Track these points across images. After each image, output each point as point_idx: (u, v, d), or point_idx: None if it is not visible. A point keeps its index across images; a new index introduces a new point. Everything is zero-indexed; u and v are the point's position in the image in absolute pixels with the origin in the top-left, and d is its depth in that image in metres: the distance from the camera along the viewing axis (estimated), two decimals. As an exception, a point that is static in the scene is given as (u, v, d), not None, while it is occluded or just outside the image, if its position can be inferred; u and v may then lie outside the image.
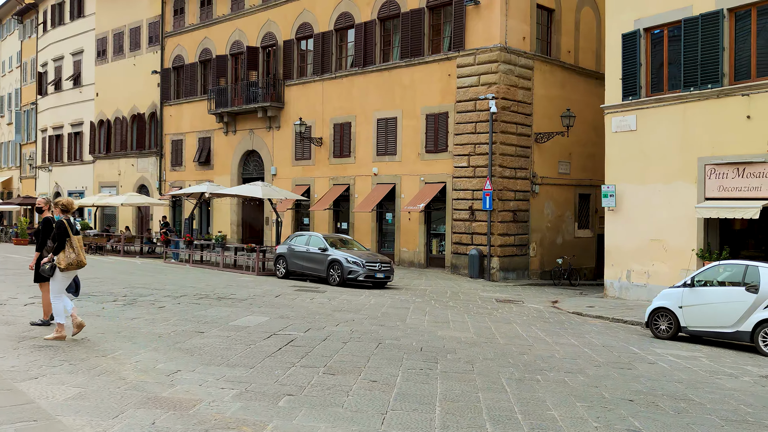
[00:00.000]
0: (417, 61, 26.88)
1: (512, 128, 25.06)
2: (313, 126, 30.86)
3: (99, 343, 9.37)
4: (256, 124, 33.71)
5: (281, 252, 23.07)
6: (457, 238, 25.58)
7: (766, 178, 17.07)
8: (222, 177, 35.28)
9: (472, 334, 12.48)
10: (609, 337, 13.62)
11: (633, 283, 20.26)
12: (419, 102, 26.90)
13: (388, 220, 28.44)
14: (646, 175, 19.88)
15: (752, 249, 19.48)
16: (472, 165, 25.12)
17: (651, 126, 19.76)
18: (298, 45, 31.93)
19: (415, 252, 27.07)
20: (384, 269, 20.97)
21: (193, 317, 12.24)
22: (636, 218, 20.13)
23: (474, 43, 25.20)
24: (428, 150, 26.62)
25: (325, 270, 21.29)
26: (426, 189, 26.29)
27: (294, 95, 31.94)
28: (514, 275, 25.31)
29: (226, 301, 15.16)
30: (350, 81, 29.47)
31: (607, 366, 10.10)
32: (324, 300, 16.58)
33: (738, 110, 17.58)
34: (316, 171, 30.98)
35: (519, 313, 16.81)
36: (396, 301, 17.18)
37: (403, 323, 13.31)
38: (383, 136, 28.18)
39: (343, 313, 14.34)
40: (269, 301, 15.56)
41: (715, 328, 13.17)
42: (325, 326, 12.14)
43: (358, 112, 29.15)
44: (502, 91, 24.57)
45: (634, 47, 20.04)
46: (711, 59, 18.10)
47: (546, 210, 26.63)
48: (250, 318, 12.56)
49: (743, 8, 17.65)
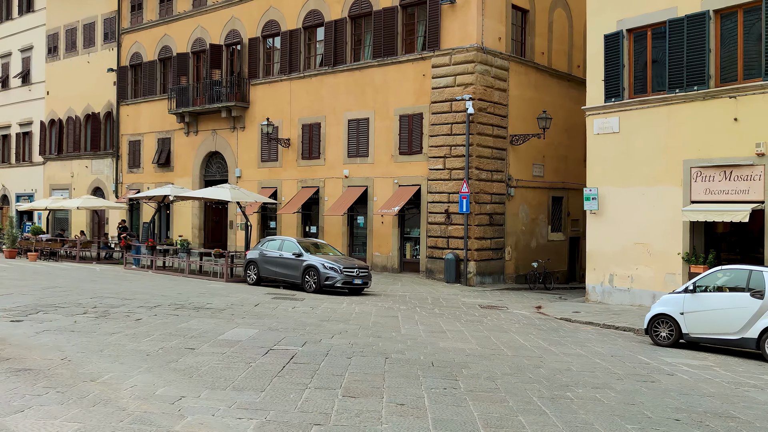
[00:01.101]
0: (390, 61, 26.20)
1: (488, 130, 24.61)
2: (281, 126, 29.90)
3: (82, 363, 8.40)
4: (219, 125, 32.53)
5: (252, 257, 22.11)
6: (432, 242, 24.98)
7: (754, 181, 16.93)
8: (183, 179, 33.96)
9: (474, 345, 11.84)
10: (610, 345, 13.16)
11: (616, 287, 19.96)
12: (392, 103, 26.22)
13: (359, 224, 27.67)
14: (629, 177, 19.60)
15: (736, 252, 19.39)
16: (448, 167, 24.56)
17: (634, 128, 19.50)
18: (264, 43, 30.91)
19: (389, 256, 26.37)
20: (362, 275, 20.25)
21: (176, 331, 11.29)
22: (619, 221, 19.83)
23: (449, 43, 24.65)
24: (402, 152, 25.96)
25: (300, 276, 20.43)
26: (400, 192, 25.62)
27: (260, 95, 30.91)
28: (491, 280, 24.84)
29: (204, 311, 14.20)
30: (320, 80, 28.62)
31: (629, 379, 9.57)
32: (306, 309, 15.75)
33: (725, 112, 17.41)
34: (284, 173, 30.01)
35: (508, 320, 16.28)
36: (381, 309, 16.45)
37: (399, 334, 12.60)
38: (354, 138, 27.41)
39: (332, 323, 13.55)
40: (250, 311, 14.67)
41: (718, 335, 12.83)
42: (321, 339, 11.34)
43: (327, 112, 28.32)
44: (478, 92, 24.08)
45: (616, 48, 19.76)
46: (697, 61, 17.91)
47: (521, 213, 26.27)
48: (239, 331, 11.67)
49: (729, 9, 17.49)
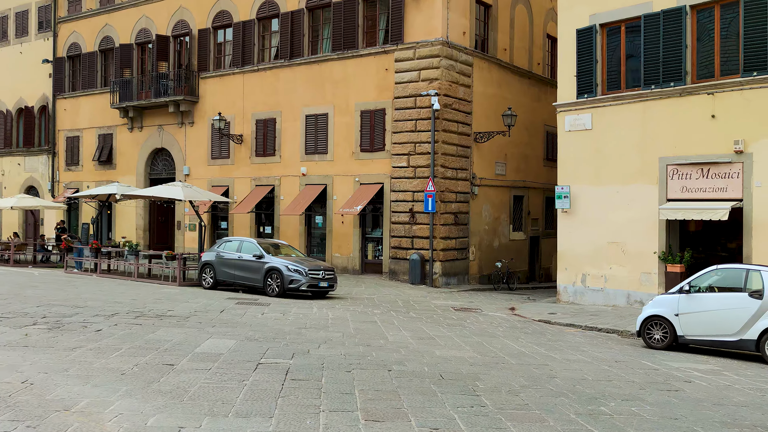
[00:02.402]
0: (350, 54, 25.22)
1: (454, 127, 23.93)
2: (233, 122, 28.52)
3: (48, 387, 7.17)
4: (166, 120, 30.86)
5: (208, 260, 20.76)
6: (396, 243, 24.13)
7: (732, 179, 16.72)
8: (126, 177, 32.09)
9: (472, 352, 11.03)
10: (606, 349, 12.58)
11: (589, 287, 19.54)
12: (353, 97, 25.25)
13: (318, 224, 26.60)
14: (602, 175, 19.21)
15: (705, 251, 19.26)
16: (413, 165, 23.75)
17: (608, 125, 19.10)
18: (215, 35, 29.45)
19: (349, 257, 25.39)
20: (327, 277, 19.24)
21: (145, 343, 10.07)
22: (592, 220, 19.42)
23: (413, 37, 23.85)
24: (363, 149, 25.02)
25: (262, 279, 19.25)
26: (362, 190, 24.68)
27: (210, 89, 29.43)
28: (455, 280, 24.18)
29: (168, 319, 12.95)
30: (275, 74, 27.39)
31: (650, 389, 8.92)
32: (276, 315, 14.66)
33: (702, 109, 17.16)
34: (236, 171, 28.64)
35: (489, 323, 15.57)
36: (355, 314, 15.50)
37: (387, 342, 11.68)
38: (313, 134, 26.31)
39: (310, 330, 12.53)
40: (218, 319, 13.49)
41: (716, 337, 12.39)
42: (308, 349, 10.32)
43: (284, 107, 27.12)
44: (444, 87, 23.36)
45: (589, 43, 19.34)
46: (673, 57, 17.61)
47: (484, 212, 25.70)
48: (215, 342, 10.53)
49: (706, 5, 17.25)
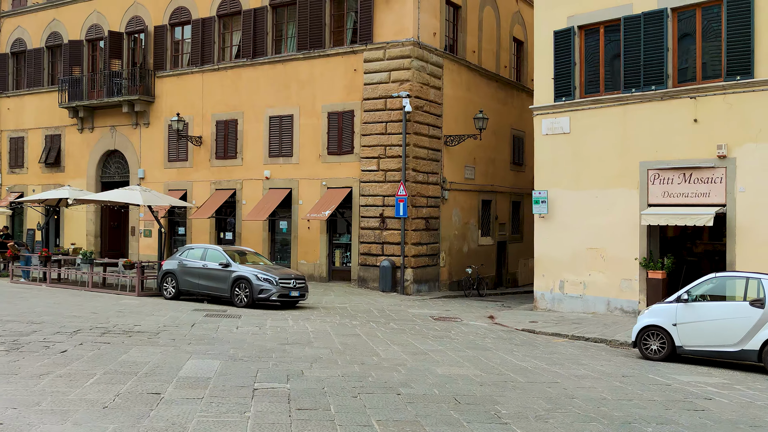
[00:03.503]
0: (317, 54, 24.36)
1: (425, 129, 23.30)
2: (191, 123, 27.29)
3: (22, 428, 6.16)
4: (119, 120, 29.38)
5: (169, 269, 19.59)
6: (365, 249, 23.35)
7: (715, 184, 16.52)
8: (76, 181, 30.45)
9: (474, 369, 10.35)
10: (604, 361, 12.07)
11: (567, 294, 19.14)
12: (320, 98, 24.38)
13: (283, 230, 25.61)
14: (581, 180, 18.84)
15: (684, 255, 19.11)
16: (383, 168, 23.02)
17: (587, 128, 18.75)
18: (173, 32, 28.17)
19: (316, 264, 24.49)
20: (299, 286, 18.34)
21: (120, 366, 9.07)
22: (570, 226, 19.03)
23: (383, 36, 23.15)
24: (331, 152, 24.17)
25: (229, 289, 18.22)
26: (330, 194, 23.82)
27: (167, 88, 28.13)
28: (426, 287, 23.54)
29: (137, 336, 11.91)
30: (236, 73, 26.31)
31: (675, 407, 8.39)
32: (252, 329, 13.72)
33: (684, 113, 16.93)
34: (195, 174, 27.42)
35: (475, 333, 14.94)
36: (335, 327, 14.67)
37: (380, 358, 10.92)
38: (277, 136, 25.33)
39: (295, 347, 11.67)
40: (191, 334, 12.50)
41: (716, 348, 12.01)
42: (301, 370, 9.47)
43: (246, 108, 26.06)
44: (415, 89, 22.71)
45: (567, 45, 18.96)
46: (655, 60, 17.35)
47: (454, 217, 25.15)
48: (197, 363, 9.58)
49: (687, 8, 17.04)
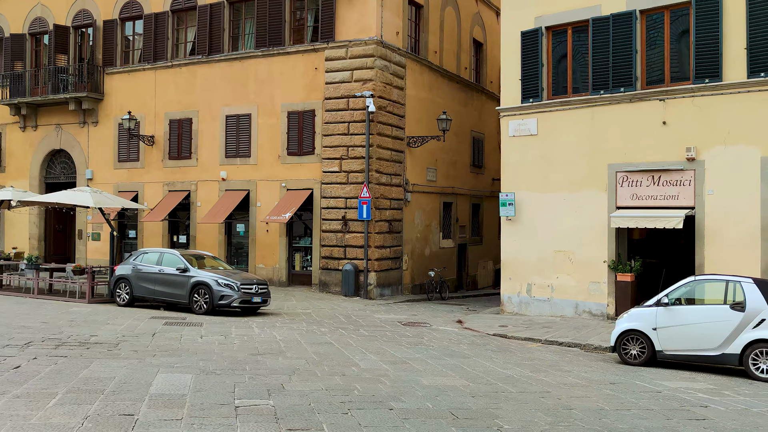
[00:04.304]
0: (276, 52, 23.63)
1: (388, 130, 22.84)
2: (143, 122, 26.19)
3: (-20, 461, 5.43)
4: (66, 119, 28.01)
5: (123, 274, 18.64)
6: (327, 252, 22.73)
7: (684, 186, 16.51)
8: (18, 182, 28.82)
9: (460, 379, 9.91)
10: (586, 367, 11.80)
11: (534, 297, 18.93)
12: (279, 97, 23.66)
13: (240, 233, 24.76)
14: (548, 182, 18.66)
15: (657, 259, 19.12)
16: (345, 170, 22.45)
17: (554, 130, 18.58)
18: (123, 26, 27.00)
19: (275, 268, 23.75)
20: (261, 292, 17.65)
21: (83, 384, 8.30)
22: (538, 228, 18.83)
23: (345, 35, 22.59)
24: (291, 152, 23.48)
25: (188, 295, 17.40)
26: (290, 196, 23.11)
27: (117, 85, 26.94)
28: (389, 291, 23.07)
29: (96, 348, 11.08)
30: (191, 71, 25.35)
31: (676, 417, 8.12)
32: (217, 338, 13.02)
33: (653, 115, 16.89)
34: (147, 175, 26.32)
35: (448, 340, 14.54)
36: (303, 334, 14.07)
37: (359, 369, 10.38)
38: (234, 136, 24.48)
39: (267, 357, 11.04)
40: (153, 345, 11.73)
41: (697, 352, 11.86)
42: (280, 383, 8.87)
43: (201, 106, 25.13)
44: (378, 89, 22.23)
45: (535, 46, 18.77)
46: (623, 62, 17.28)
47: (416, 220, 24.76)
48: (168, 378, 8.87)
49: (656, 10, 17.01)
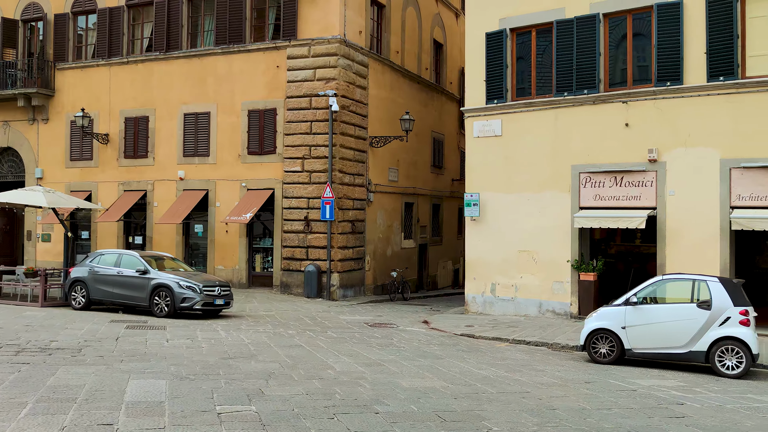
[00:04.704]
0: (237, 49, 23.23)
1: (351, 130, 22.69)
2: (97, 119, 25.45)
3: (-45, 478, 5.10)
4: (13, 115, 27.01)
5: (79, 276, 18.05)
6: (288, 253, 22.44)
7: (646, 187, 16.82)
8: (-38, 180, 27.75)
9: (439, 381, 9.83)
10: (558, 366, 11.88)
11: (499, 297, 19.04)
12: (240, 96, 23.27)
13: (198, 233, 24.26)
14: (513, 183, 18.79)
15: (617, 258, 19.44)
16: (308, 170, 22.21)
17: (519, 131, 18.73)
18: (75, 21, 26.18)
19: (235, 270, 23.34)
20: (224, 294, 17.32)
21: (52, 392, 7.93)
22: (502, 228, 18.94)
23: (308, 33, 22.35)
24: (251, 151, 23.11)
25: (147, 298, 16.95)
26: (250, 196, 22.75)
27: (69, 81, 26.10)
28: (352, 292, 22.92)
29: (58, 354, 10.66)
30: (148, 68, 24.73)
31: (657, 415, 8.19)
32: (184, 341, 12.70)
33: (616, 117, 17.16)
34: (101, 174, 25.57)
35: (418, 341, 14.48)
36: (272, 337, 13.83)
37: (336, 372, 10.22)
38: (192, 134, 23.98)
39: (239, 361, 10.78)
40: (119, 350, 11.35)
41: (665, 350, 12.07)
42: (258, 388, 8.65)
43: (158, 104, 24.54)
44: (341, 88, 22.06)
45: (500, 48, 18.88)
46: (587, 64, 17.51)
47: (378, 220, 24.67)
48: (141, 384, 8.55)
49: (619, 14, 17.29)
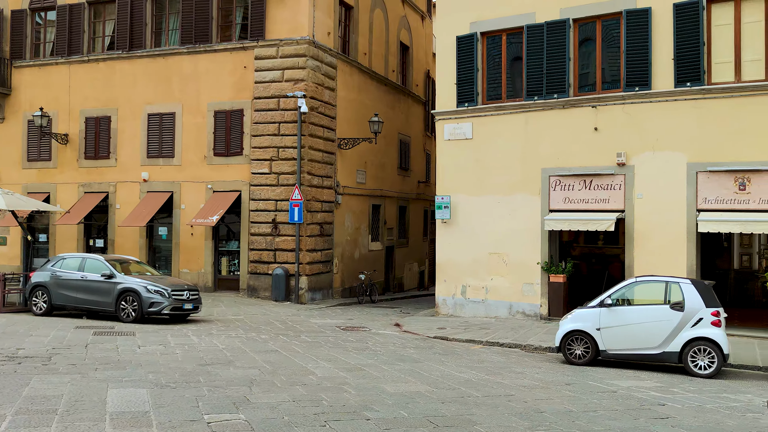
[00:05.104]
0: (203, 49, 22.87)
1: (320, 132, 22.53)
2: (56, 119, 24.76)
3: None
4: (-33, 114, 26.12)
5: (40, 281, 17.54)
6: (256, 256, 22.16)
7: (614, 190, 17.09)
8: None
9: (422, 385, 9.79)
10: (535, 368, 11.96)
11: (469, 299, 19.12)
12: (206, 96, 22.91)
13: (162, 236, 23.79)
14: (484, 185, 18.90)
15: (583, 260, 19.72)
16: (276, 171, 21.98)
17: (489, 134, 18.85)
18: (33, 17, 25.44)
19: (200, 273, 22.95)
20: (192, 298, 17.03)
21: (30, 403, 7.64)
22: (473, 231, 19.04)
23: (276, 33, 22.12)
24: (218, 152, 22.76)
25: (114, 303, 16.54)
26: (216, 198, 22.40)
27: (27, 80, 25.33)
28: (320, 295, 22.76)
29: (28, 362, 10.30)
30: (110, 66, 24.16)
31: (643, 416, 8.29)
32: (157, 347, 12.41)
33: (585, 122, 17.40)
34: (60, 175, 24.88)
35: (393, 344, 14.43)
36: (245, 342, 13.62)
37: (318, 378, 10.09)
38: (157, 135, 23.51)
39: (217, 367, 10.58)
40: (90, 357, 11.05)
41: (639, 351, 12.26)
42: (244, 396, 8.48)
43: (121, 104, 24.00)
44: (310, 89, 21.89)
45: (470, 51, 18.97)
46: (557, 69, 17.71)
47: (347, 222, 24.56)
48: (121, 394, 8.30)
49: (589, 20, 17.53)
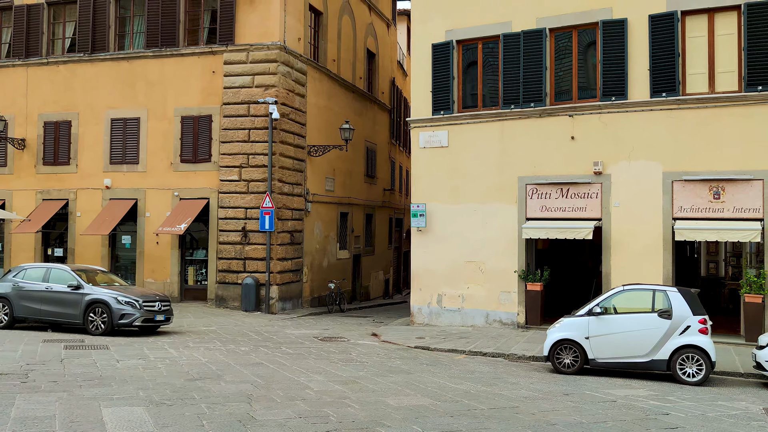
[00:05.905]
0: (169, 53, 22.27)
1: (291, 138, 22.17)
2: (12, 123, 23.77)
3: None
4: None
5: (1, 293, 16.72)
6: (224, 265, 21.64)
7: (591, 199, 17.23)
8: None
9: (423, 397, 9.59)
10: (527, 378, 11.88)
11: (445, 308, 19.01)
12: (172, 101, 22.30)
13: (126, 245, 23.03)
14: (459, 194, 18.85)
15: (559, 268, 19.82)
16: (245, 178, 21.52)
17: (465, 143, 18.81)
18: (-12, 17, 24.43)
19: (166, 283, 22.27)
20: (164, 309, 16.46)
21: (22, 426, 7.19)
22: (448, 239, 18.95)
23: (246, 38, 21.70)
24: (185, 159, 22.18)
25: (81, 315, 15.85)
26: (183, 206, 21.80)
27: (-20, 82, 24.31)
28: (290, 305, 22.36)
29: (5, 379, 9.79)
30: (71, 69, 23.33)
31: (653, 428, 8.26)
32: (136, 362, 11.93)
33: (562, 131, 17.51)
34: (17, 182, 23.88)
35: (377, 355, 14.20)
36: (227, 355, 13.21)
37: (314, 392, 9.80)
38: (120, 141, 22.77)
39: (208, 382, 10.19)
40: (71, 373, 10.53)
41: (627, 359, 12.30)
42: (246, 413, 8.15)
43: (82, 108, 23.18)
44: (281, 95, 21.53)
45: (446, 59, 18.94)
46: (533, 77, 17.80)
47: (316, 230, 24.22)
48: (118, 414, 7.88)
49: (564, 29, 17.67)
